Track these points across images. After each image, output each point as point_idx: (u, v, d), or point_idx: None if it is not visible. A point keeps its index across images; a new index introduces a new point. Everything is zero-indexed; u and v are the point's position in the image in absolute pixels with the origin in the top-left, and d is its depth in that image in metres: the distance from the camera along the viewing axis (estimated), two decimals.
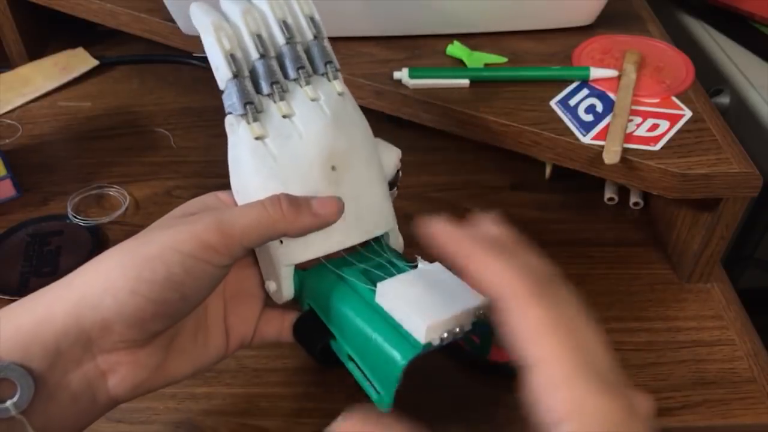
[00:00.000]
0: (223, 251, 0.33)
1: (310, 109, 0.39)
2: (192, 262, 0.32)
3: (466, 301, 0.35)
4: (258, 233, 0.34)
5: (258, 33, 0.39)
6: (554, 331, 0.28)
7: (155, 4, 0.59)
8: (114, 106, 0.70)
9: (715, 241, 0.51)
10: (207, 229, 0.33)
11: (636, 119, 0.51)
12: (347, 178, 0.39)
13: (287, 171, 0.38)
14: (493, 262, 0.30)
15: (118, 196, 0.59)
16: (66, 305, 0.32)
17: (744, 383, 0.47)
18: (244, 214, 0.34)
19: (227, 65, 0.38)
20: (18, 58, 0.73)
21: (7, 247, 0.54)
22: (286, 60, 0.40)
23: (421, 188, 0.61)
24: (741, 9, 0.73)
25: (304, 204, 0.36)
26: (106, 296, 0.32)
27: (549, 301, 0.29)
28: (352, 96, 0.42)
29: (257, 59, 0.39)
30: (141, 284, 0.32)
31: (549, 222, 0.58)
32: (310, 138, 0.39)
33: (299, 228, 0.35)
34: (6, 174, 0.58)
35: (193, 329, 0.38)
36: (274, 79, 0.39)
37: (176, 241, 0.32)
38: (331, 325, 0.38)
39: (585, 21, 0.60)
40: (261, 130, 0.38)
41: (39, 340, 0.31)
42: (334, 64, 0.41)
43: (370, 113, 0.58)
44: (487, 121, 0.51)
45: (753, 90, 0.66)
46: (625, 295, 0.52)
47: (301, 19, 0.41)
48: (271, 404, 0.45)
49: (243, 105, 0.38)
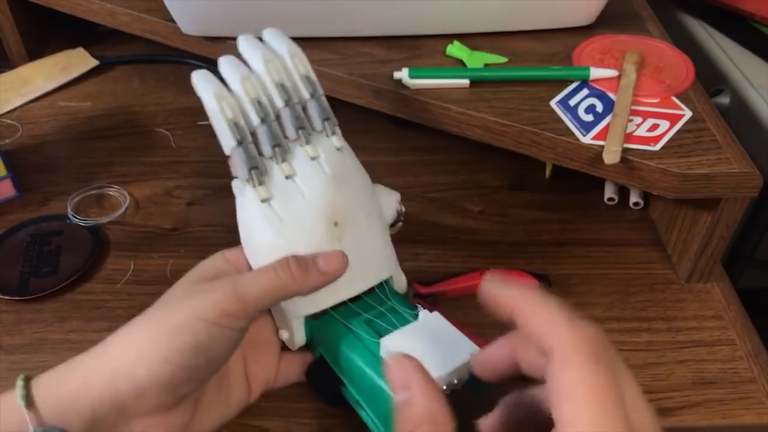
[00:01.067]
0: (241, 316, 0.35)
1: (311, 169, 0.41)
2: (216, 329, 0.35)
3: (465, 353, 0.37)
4: (272, 297, 0.36)
5: (258, 99, 0.41)
6: (606, 399, 0.26)
7: (155, 4, 0.59)
8: (114, 106, 0.70)
9: (715, 241, 0.51)
10: (226, 297, 0.35)
11: (636, 119, 0.51)
12: (349, 232, 0.41)
13: (293, 230, 0.40)
14: (555, 313, 0.29)
15: (118, 196, 0.59)
16: (101, 376, 0.34)
17: (744, 383, 0.47)
18: (258, 281, 0.36)
19: (231, 134, 0.40)
20: (18, 58, 0.73)
21: (7, 247, 0.54)
22: (286, 122, 0.41)
23: (421, 188, 0.61)
24: (741, 9, 0.73)
25: (311, 264, 0.37)
26: (139, 366, 0.34)
27: (607, 368, 0.27)
28: (350, 148, 0.44)
29: (259, 124, 0.40)
30: (172, 353, 0.34)
31: (549, 222, 0.58)
32: (312, 198, 0.41)
33: (309, 288, 0.37)
34: (6, 174, 0.58)
35: (217, 386, 0.40)
36: (275, 142, 0.41)
37: (200, 311, 0.35)
38: (341, 372, 0.41)
39: (585, 21, 0.60)
40: (266, 193, 0.40)
41: (77, 409, 0.33)
42: (331, 120, 0.43)
43: (370, 113, 0.58)
44: (487, 121, 0.51)
45: (753, 90, 0.66)
46: (625, 295, 0.52)
47: (297, 79, 0.43)
48: (271, 404, 0.45)
49: (248, 170, 0.40)
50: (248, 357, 0.42)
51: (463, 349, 0.37)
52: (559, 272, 0.53)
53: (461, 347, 0.38)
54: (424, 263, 0.54)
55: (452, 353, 0.37)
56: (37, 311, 0.50)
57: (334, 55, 0.56)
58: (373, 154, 0.65)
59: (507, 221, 0.58)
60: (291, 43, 0.44)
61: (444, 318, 0.41)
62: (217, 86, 0.40)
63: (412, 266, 0.53)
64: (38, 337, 0.48)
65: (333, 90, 0.56)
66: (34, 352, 0.47)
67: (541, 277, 0.51)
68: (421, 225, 0.58)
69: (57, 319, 0.49)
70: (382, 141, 0.66)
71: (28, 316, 0.50)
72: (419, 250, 0.55)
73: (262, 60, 0.42)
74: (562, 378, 0.27)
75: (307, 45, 0.57)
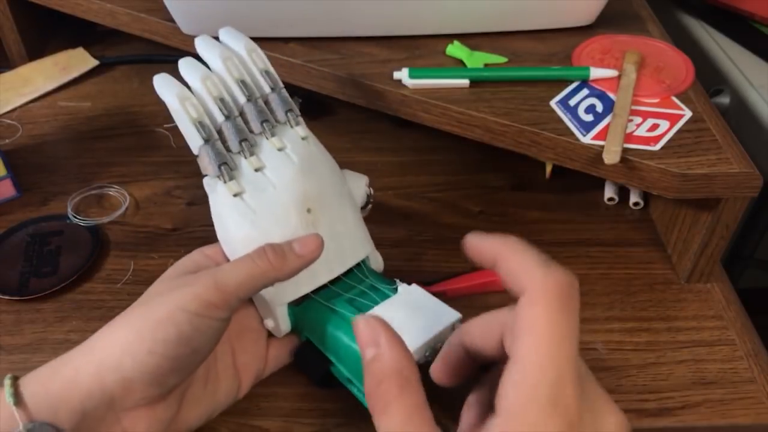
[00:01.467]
0: (222, 306, 0.36)
1: (279, 160, 0.43)
2: (198, 319, 0.36)
3: (444, 319, 0.39)
4: (251, 285, 0.37)
5: (220, 97, 0.42)
6: (562, 337, 0.28)
7: (155, 4, 0.59)
8: (114, 106, 0.70)
9: (715, 241, 0.51)
10: (207, 289, 0.36)
11: (636, 119, 0.51)
12: (323, 217, 0.43)
13: (267, 221, 0.41)
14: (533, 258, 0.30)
15: (118, 196, 0.59)
16: (89, 369, 0.35)
17: (744, 383, 0.47)
18: (237, 270, 0.37)
19: (197, 133, 0.41)
20: (18, 58, 0.73)
21: (7, 247, 0.54)
22: (250, 116, 0.43)
23: (421, 188, 0.61)
24: (741, 9, 0.73)
25: (288, 249, 0.38)
26: (125, 358, 0.35)
27: (570, 311, 0.29)
28: (314, 137, 0.45)
29: (223, 121, 0.42)
30: (156, 345, 0.35)
31: (549, 222, 0.58)
32: (283, 187, 0.42)
33: (288, 272, 0.38)
34: (6, 174, 0.58)
35: (204, 379, 0.41)
36: (242, 137, 0.42)
37: (182, 303, 0.36)
38: (328, 352, 0.42)
39: (585, 21, 0.60)
40: (237, 187, 0.41)
41: (66, 403, 0.34)
42: (294, 112, 0.44)
43: (370, 113, 0.58)
44: (487, 121, 0.51)
45: (753, 90, 0.66)
46: (625, 295, 0.52)
47: (257, 74, 0.44)
48: (271, 404, 0.45)
49: (218, 167, 0.41)
50: (236, 348, 0.42)
51: (444, 316, 0.39)
52: None
53: (442, 314, 0.39)
54: (425, 263, 0.54)
55: (434, 320, 0.38)
56: (37, 311, 0.50)
57: (334, 55, 0.56)
58: (373, 154, 0.65)
59: (507, 221, 0.58)
60: (247, 40, 0.45)
61: (423, 288, 0.42)
62: (179, 87, 0.41)
63: (412, 266, 0.53)
64: (38, 337, 0.48)
65: (333, 90, 0.56)
66: (34, 352, 0.47)
67: None
68: (422, 225, 0.58)
69: (57, 319, 0.49)
70: (382, 141, 0.66)
71: (28, 316, 0.50)
72: (419, 250, 0.55)
73: (221, 58, 0.43)
74: (526, 314, 0.28)
75: (307, 45, 0.58)
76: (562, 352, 0.27)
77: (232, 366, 0.42)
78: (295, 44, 0.57)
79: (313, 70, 0.56)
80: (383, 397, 0.29)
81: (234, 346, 0.42)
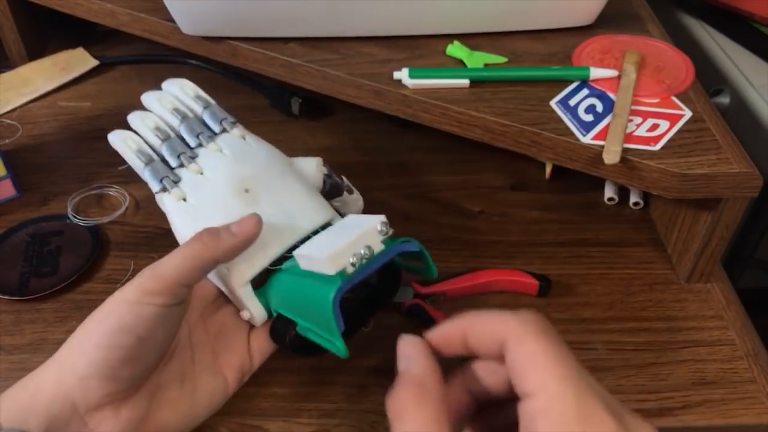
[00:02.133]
0: (163, 291, 0.37)
1: (215, 159, 0.47)
2: (138, 307, 0.37)
3: (364, 225, 0.39)
4: (189, 268, 0.38)
5: (155, 126, 0.48)
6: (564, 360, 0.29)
7: (155, 4, 0.59)
8: (114, 106, 0.70)
9: (715, 241, 0.51)
10: (146, 278, 0.37)
11: (636, 119, 0.51)
12: (263, 194, 0.45)
13: (207, 213, 0.44)
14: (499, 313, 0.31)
15: (118, 196, 0.59)
16: (51, 375, 0.37)
17: (744, 383, 0.47)
18: (173, 256, 0.38)
19: (137, 159, 0.47)
20: (18, 58, 0.73)
21: (7, 247, 0.54)
22: (185, 133, 0.48)
23: (421, 188, 0.61)
24: (741, 9, 0.73)
25: (223, 230, 0.40)
26: (77, 358, 0.36)
27: (556, 337, 0.30)
28: (254, 135, 0.50)
29: (160, 144, 0.47)
30: (101, 337, 0.36)
31: (549, 222, 0.58)
32: (216, 176, 0.46)
33: (225, 250, 0.39)
34: (6, 174, 0.58)
35: (179, 379, 0.41)
36: (178, 152, 0.46)
37: (123, 294, 0.37)
38: (290, 313, 0.42)
39: (585, 21, 0.60)
40: (180, 193, 0.45)
41: (33, 410, 0.35)
42: (228, 119, 0.49)
43: (370, 113, 0.58)
44: (487, 121, 0.51)
45: (753, 90, 0.66)
46: (625, 295, 0.52)
47: (190, 100, 0.50)
48: (271, 404, 0.45)
49: (159, 181, 0.46)
50: (216, 348, 0.43)
51: (364, 223, 0.40)
52: (559, 272, 0.53)
53: (363, 222, 0.40)
54: None
55: (353, 230, 0.39)
56: (37, 311, 0.50)
57: (335, 55, 0.56)
58: (373, 154, 0.65)
59: (507, 221, 0.58)
60: (179, 80, 0.51)
61: (355, 215, 0.45)
62: (121, 133, 0.48)
63: None
64: (38, 337, 0.48)
65: (333, 90, 0.56)
66: (34, 352, 0.47)
67: (540, 277, 0.51)
68: (421, 225, 0.58)
69: (57, 319, 0.49)
70: (382, 141, 0.66)
71: (28, 316, 0.50)
72: None
73: (155, 98, 0.50)
74: (520, 353, 0.29)
75: (307, 45, 0.58)
76: (569, 372, 0.28)
77: (212, 366, 0.42)
78: (295, 44, 0.57)
79: (313, 70, 0.56)
80: (400, 404, 0.30)
81: (213, 347, 0.43)
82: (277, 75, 0.58)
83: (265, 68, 0.58)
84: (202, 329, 0.43)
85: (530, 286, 0.51)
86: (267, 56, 0.57)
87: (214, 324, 0.44)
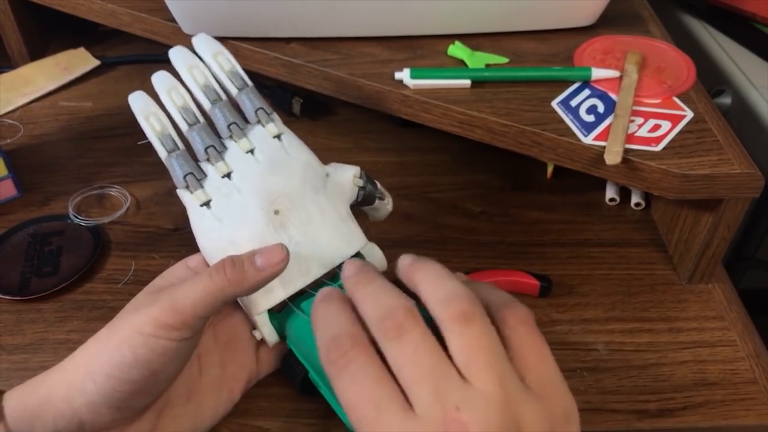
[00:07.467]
0: (179, 327, 0.35)
1: (245, 163, 0.42)
2: (153, 341, 0.35)
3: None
4: (210, 303, 0.36)
5: (184, 106, 0.42)
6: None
7: (156, 4, 0.59)
8: (115, 106, 0.70)
9: (716, 241, 0.51)
10: (162, 310, 0.35)
11: (637, 120, 0.51)
12: (293, 218, 0.41)
13: (233, 229, 0.41)
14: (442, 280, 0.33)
15: (119, 196, 0.59)
16: (61, 390, 0.36)
17: (745, 384, 0.47)
18: (193, 289, 0.36)
19: (161, 145, 0.42)
20: (19, 58, 0.73)
21: (8, 247, 0.54)
22: (216, 120, 0.43)
23: (422, 188, 0.61)
24: (742, 9, 0.73)
25: (247, 263, 0.37)
26: (87, 381, 0.35)
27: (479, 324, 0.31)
28: (291, 133, 0.44)
29: (187, 130, 0.42)
30: (113, 368, 0.35)
31: (550, 222, 0.58)
32: (247, 191, 0.41)
33: (248, 288, 0.37)
34: (7, 174, 0.58)
35: (185, 396, 0.40)
36: (207, 144, 0.42)
37: (137, 325, 0.35)
38: (303, 358, 0.40)
39: (586, 21, 0.60)
40: (204, 196, 0.41)
41: (40, 419, 0.35)
42: (265, 110, 0.44)
43: (371, 113, 0.58)
44: (488, 121, 0.51)
45: (754, 90, 0.66)
46: (626, 296, 0.52)
47: (224, 77, 0.44)
48: (271, 404, 0.45)
49: (183, 177, 0.42)
50: (225, 359, 0.42)
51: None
52: (560, 273, 0.53)
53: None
54: None
55: None
56: (38, 311, 0.50)
57: (335, 56, 0.56)
58: (374, 154, 0.65)
59: (508, 222, 0.58)
60: (215, 44, 0.45)
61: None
62: (145, 104, 0.42)
63: None
64: (39, 337, 0.48)
65: (334, 90, 0.56)
66: (35, 353, 0.47)
67: (541, 277, 0.51)
68: (422, 225, 0.58)
69: (58, 320, 0.49)
70: (383, 141, 0.66)
71: (28, 316, 0.50)
72: (420, 250, 0.55)
73: (186, 67, 0.43)
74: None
75: (308, 45, 0.57)
76: None
77: (219, 379, 0.41)
78: (296, 44, 0.57)
79: (314, 71, 0.56)
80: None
81: (222, 357, 0.42)
82: (279, 75, 0.58)
83: (266, 68, 0.58)
84: (212, 337, 0.42)
85: (531, 287, 0.51)
86: (268, 56, 0.57)
87: (224, 332, 0.42)
